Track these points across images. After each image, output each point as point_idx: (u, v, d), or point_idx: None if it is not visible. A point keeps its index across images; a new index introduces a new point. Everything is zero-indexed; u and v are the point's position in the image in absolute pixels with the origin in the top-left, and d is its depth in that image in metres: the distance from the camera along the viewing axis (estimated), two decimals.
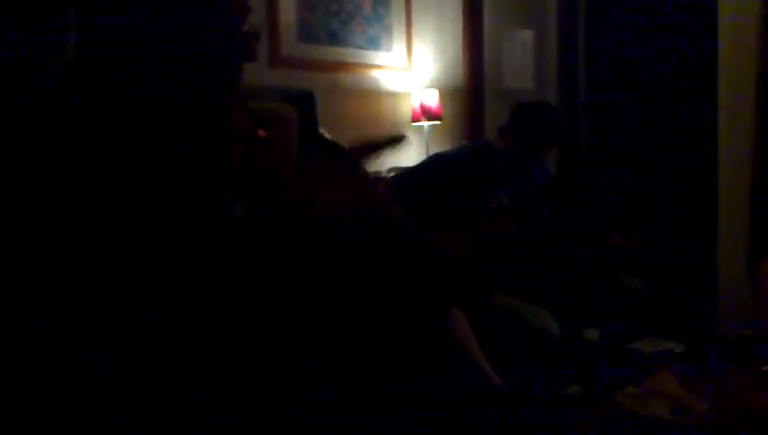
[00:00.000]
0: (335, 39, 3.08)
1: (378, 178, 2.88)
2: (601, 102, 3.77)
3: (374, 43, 3.23)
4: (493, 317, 2.13)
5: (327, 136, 2.76)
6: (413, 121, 3.34)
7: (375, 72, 3.27)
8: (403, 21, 3.34)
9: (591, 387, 1.70)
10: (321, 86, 2.97)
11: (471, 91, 3.60)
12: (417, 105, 3.31)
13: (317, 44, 3.01)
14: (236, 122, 1.81)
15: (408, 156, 3.20)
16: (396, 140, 1.28)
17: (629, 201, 3.62)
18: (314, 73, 3.00)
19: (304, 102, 2.50)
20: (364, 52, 3.20)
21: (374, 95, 3.27)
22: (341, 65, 3.12)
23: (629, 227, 2.30)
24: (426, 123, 3.32)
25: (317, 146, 2.63)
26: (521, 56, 3.78)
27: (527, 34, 3.81)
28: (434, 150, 3.05)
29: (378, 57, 3.26)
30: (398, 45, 3.34)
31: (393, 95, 3.35)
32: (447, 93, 3.50)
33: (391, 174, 2.87)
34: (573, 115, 3.78)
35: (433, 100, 3.30)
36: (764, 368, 1.67)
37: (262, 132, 2.16)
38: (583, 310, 2.41)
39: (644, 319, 2.31)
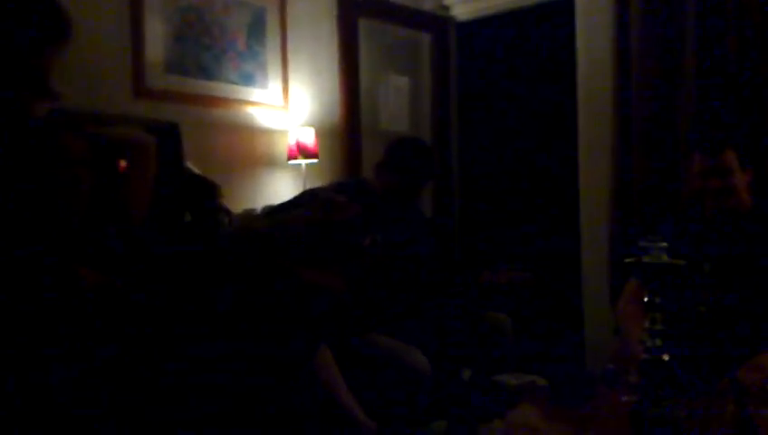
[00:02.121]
0: (207, 73, 2.99)
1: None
2: (473, 145, 3.90)
3: (248, 80, 3.17)
4: (365, 356, 2.08)
5: (195, 170, 2.64)
6: (289, 159, 3.29)
7: (249, 109, 3.20)
8: (279, 58, 3.31)
9: (457, 422, 1.68)
10: (190, 120, 2.86)
11: (348, 131, 3.61)
12: (293, 143, 3.27)
13: (186, 77, 2.91)
14: (70, 148, 1.67)
15: (285, 194, 3.14)
16: None
17: (498, 239, 3.73)
18: (183, 106, 2.88)
19: (167, 134, 2.39)
20: (238, 87, 3.12)
21: (248, 131, 3.19)
22: (213, 100, 3.02)
23: (498, 263, 2.34)
24: (302, 161, 3.27)
25: (182, 179, 2.52)
26: (396, 100, 3.86)
27: (402, 80, 3.90)
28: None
29: (252, 93, 3.19)
30: (274, 83, 3.30)
31: (269, 132, 3.29)
32: (324, 132, 3.48)
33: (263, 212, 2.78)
34: (446, 158, 3.88)
35: (309, 138, 3.27)
36: (624, 398, 1.72)
37: (122, 163, 2.02)
38: (454, 348, 2.42)
39: (512, 354, 2.34)
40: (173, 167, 2.45)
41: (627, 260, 1.50)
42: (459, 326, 2.36)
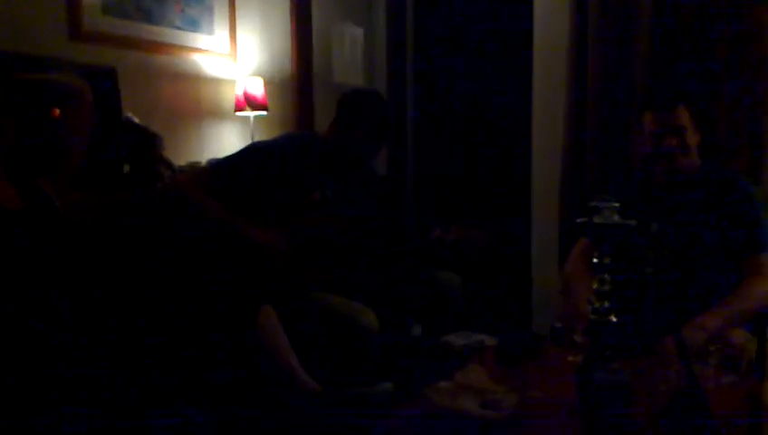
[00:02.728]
0: (148, 16, 2.82)
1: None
2: (429, 98, 3.83)
3: (193, 24, 3.01)
4: (311, 314, 2.03)
5: (135, 120, 2.51)
6: (237, 111, 3.17)
7: (194, 56, 3.05)
8: (226, 3, 3.15)
9: (403, 383, 1.66)
10: (130, 66, 2.72)
11: (299, 83, 3.49)
12: (240, 93, 3.14)
13: (126, 20, 2.74)
14: None
15: (232, 147, 3.02)
16: None
17: (452, 198, 3.71)
18: (123, 51, 2.72)
19: (104, 80, 2.25)
20: (182, 32, 2.96)
21: (192, 80, 3.05)
22: (155, 45, 2.86)
23: (448, 220, 2.30)
24: (251, 113, 3.16)
25: (120, 128, 2.39)
26: (350, 51, 3.73)
27: (356, 30, 3.77)
28: None
29: (197, 40, 3.04)
30: (221, 29, 3.15)
31: (215, 81, 3.15)
32: (274, 84, 3.36)
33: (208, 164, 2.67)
34: (401, 112, 3.80)
35: (258, 89, 3.15)
36: (570, 358, 1.72)
37: (56, 110, 1.88)
38: (403, 305, 2.39)
39: (460, 313, 2.32)
40: (110, 115, 2.32)
41: (578, 220, 1.48)
42: (409, 284, 2.33)
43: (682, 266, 2.02)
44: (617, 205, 1.44)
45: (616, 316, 1.45)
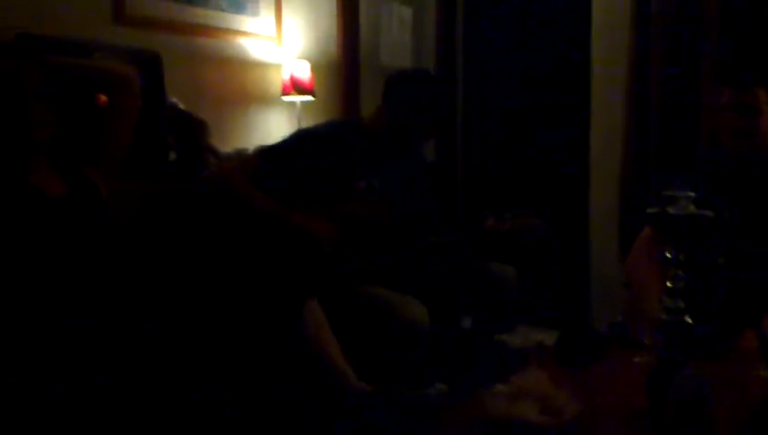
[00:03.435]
0: None
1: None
2: (480, 84, 3.68)
3: (238, 7, 2.94)
4: (359, 309, 1.95)
5: (180, 106, 2.46)
6: (283, 95, 3.10)
7: (240, 39, 2.98)
8: None
9: (457, 384, 1.56)
10: (175, 50, 2.67)
11: (346, 67, 3.40)
12: (287, 78, 3.07)
13: (170, 2, 2.69)
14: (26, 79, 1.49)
15: (279, 133, 2.96)
16: None
17: (505, 186, 3.57)
18: (167, 36, 2.67)
19: (149, 65, 2.20)
20: (227, 15, 2.90)
21: (238, 64, 2.99)
22: (200, 28, 2.80)
23: (501, 209, 2.17)
24: (297, 98, 3.08)
25: (165, 115, 2.34)
26: (398, 33, 3.62)
27: (405, 11, 3.65)
28: None
29: (243, 22, 2.97)
30: (266, 11, 3.07)
31: (260, 65, 3.08)
32: (320, 67, 3.27)
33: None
34: (451, 96, 3.66)
35: (304, 73, 3.07)
36: (636, 359, 1.60)
37: (102, 97, 1.84)
38: (456, 299, 2.29)
39: (517, 308, 2.21)
40: (155, 101, 2.27)
41: (649, 210, 1.35)
42: (461, 276, 2.22)
43: (757, 256, 1.87)
44: (692, 194, 1.31)
45: (690, 316, 1.32)
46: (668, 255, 1.33)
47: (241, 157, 2.55)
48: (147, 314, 1.48)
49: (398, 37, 3.61)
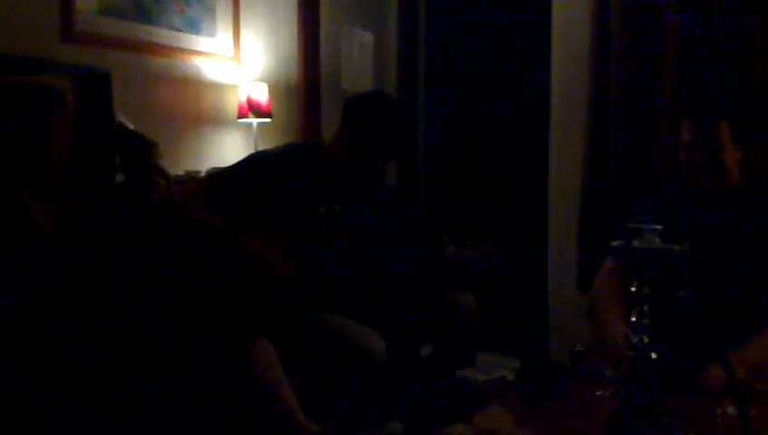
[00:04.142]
0: (146, 16, 2.68)
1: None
2: (441, 108, 3.66)
3: (194, 26, 2.87)
4: (314, 339, 1.87)
5: (129, 126, 2.36)
6: (239, 117, 3.02)
7: (195, 59, 2.90)
8: (230, 4, 3.01)
9: (416, 423, 1.49)
10: (126, 69, 2.58)
11: (306, 89, 3.34)
12: (243, 99, 2.99)
13: (123, 20, 2.59)
14: None
15: (234, 155, 2.87)
16: None
17: (466, 211, 3.54)
18: (118, 53, 2.58)
19: (97, 84, 2.11)
20: (182, 34, 2.82)
21: (193, 84, 2.90)
22: (153, 46, 2.71)
23: (462, 235, 2.12)
24: (254, 120, 3.00)
25: (113, 134, 2.24)
26: (359, 57, 3.58)
27: (366, 36, 3.62)
28: None
29: (198, 42, 2.89)
30: (224, 31, 3.00)
31: (216, 86, 3.00)
32: (280, 90, 3.21)
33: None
34: (412, 121, 3.63)
35: (262, 95, 3.00)
36: (598, 392, 1.55)
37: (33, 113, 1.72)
38: (415, 329, 2.22)
39: (476, 336, 2.15)
40: (102, 120, 2.18)
41: (614, 244, 1.31)
42: (420, 305, 2.16)
43: (716, 291, 1.86)
44: (659, 227, 1.28)
45: (656, 353, 1.28)
46: (633, 289, 1.29)
47: (192, 180, 2.46)
48: (86, 349, 1.38)
49: (359, 61, 3.57)
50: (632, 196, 2.60)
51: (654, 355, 1.28)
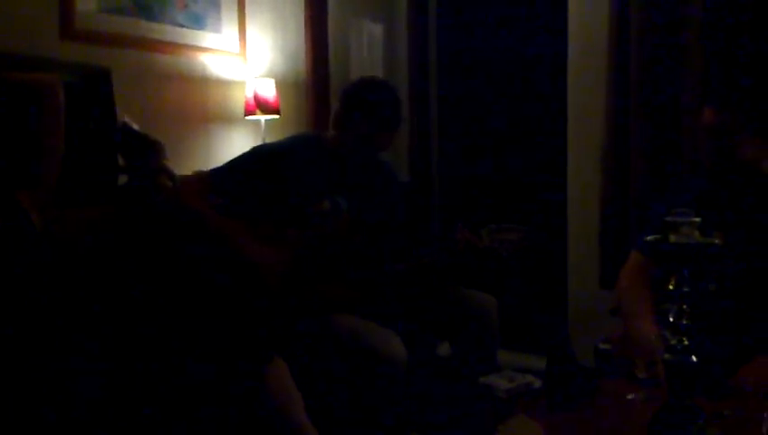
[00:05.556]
0: (148, 13, 2.60)
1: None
2: (453, 100, 3.56)
3: (198, 22, 2.79)
4: (332, 344, 1.78)
5: (133, 126, 2.28)
6: (246, 114, 2.94)
7: (200, 56, 2.82)
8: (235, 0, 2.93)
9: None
10: (129, 66, 2.52)
11: (314, 84, 3.25)
12: (250, 96, 2.91)
13: (124, 17, 2.52)
14: None
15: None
16: None
17: (481, 206, 3.44)
18: (120, 50, 2.51)
19: (97, 82, 2.03)
20: (186, 30, 2.74)
21: (199, 81, 2.82)
22: (157, 44, 2.64)
23: (478, 226, 2.02)
24: (261, 117, 2.93)
25: (117, 134, 2.17)
26: (369, 50, 3.49)
27: (375, 28, 3.53)
28: None
29: (203, 38, 2.81)
30: (229, 27, 2.92)
31: (222, 83, 2.92)
32: (287, 85, 3.13)
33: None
34: (425, 114, 3.53)
35: (269, 91, 2.92)
36: (630, 396, 1.46)
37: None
38: (433, 328, 2.14)
39: (497, 340, 2.06)
40: (104, 120, 2.10)
41: (648, 239, 1.21)
42: (438, 307, 2.07)
43: (751, 284, 1.76)
44: (697, 219, 1.18)
45: (696, 356, 1.19)
46: (671, 287, 1.19)
47: (193, 176, 2.38)
48: (92, 361, 1.31)
49: (368, 54, 3.48)
50: (656, 188, 2.51)
51: (694, 358, 1.18)
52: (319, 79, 3.27)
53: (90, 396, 1.23)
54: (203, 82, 2.84)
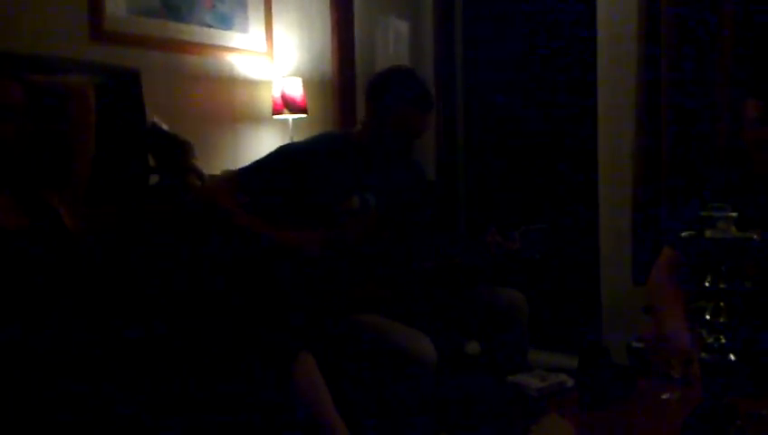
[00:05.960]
0: (176, 14, 2.62)
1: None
2: (480, 97, 3.53)
3: (226, 22, 2.80)
4: (357, 343, 1.78)
5: (162, 126, 2.31)
6: (274, 114, 2.95)
7: (227, 56, 2.84)
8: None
9: None
10: (158, 67, 2.54)
11: (341, 83, 3.25)
12: (278, 95, 2.92)
13: (152, 18, 2.55)
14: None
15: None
16: None
17: (510, 204, 3.41)
18: (149, 52, 2.53)
19: (127, 83, 2.05)
20: (213, 31, 2.76)
21: (226, 81, 2.84)
22: (184, 44, 2.66)
23: (510, 228, 2.00)
24: (289, 116, 2.93)
25: (147, 135, 2.19)
26: (395, 47, 3.48)
27: (401, 24, 3.51)
28: None
29: (230, 38, 2.83)
30: (256, 26, 2.93)
31: (250, 83, 2.94)
32: (314, 84, 3.13)
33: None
34: (451, 112, 3.51)
35: (297, 90, 2.92)
36: (664, 396, 1.43)
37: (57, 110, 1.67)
38: (462, 326, 2.12)
39: (527, 337, 2.03)
40: (134, 121, 2.12)
41: (684, 234, 1.18)
42: (466, 304, 2.05)
43: None
44: (734, 214, 1.15)
45: (734, 354, 1.16)
46: (707, 283, 1.16)
47: (221, 176, 2.40)
48: (123, 357, 1.32)
49: (394, 52, 3.47)
50: (688, 184, 2.46)
51: (733, 357, 1.15)
52: (345, 77, 3.27)
53: (123, 395, 1.24)
54: (230, 81, 2.86)
